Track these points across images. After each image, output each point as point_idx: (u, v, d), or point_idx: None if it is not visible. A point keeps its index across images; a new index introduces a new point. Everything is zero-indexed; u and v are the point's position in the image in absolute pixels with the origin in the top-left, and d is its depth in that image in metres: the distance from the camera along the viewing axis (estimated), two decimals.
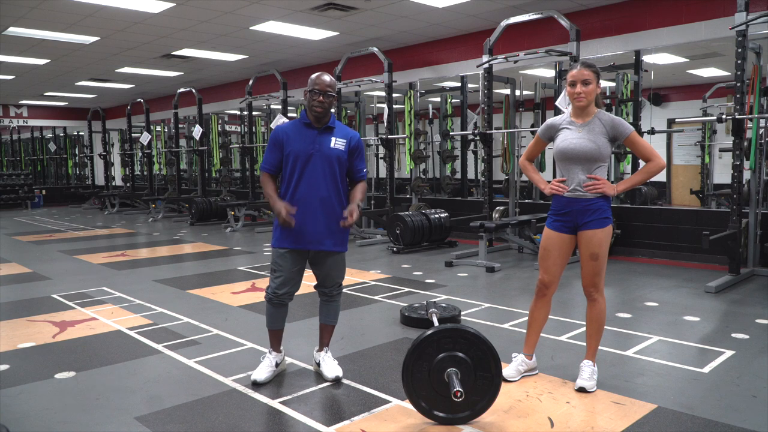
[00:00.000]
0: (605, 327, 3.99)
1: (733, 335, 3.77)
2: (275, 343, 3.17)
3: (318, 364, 3.17)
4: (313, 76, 3.00)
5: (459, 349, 2.52)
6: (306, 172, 2.95)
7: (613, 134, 2.84)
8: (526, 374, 3.08)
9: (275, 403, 2.80)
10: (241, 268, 6.47)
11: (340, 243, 3.07)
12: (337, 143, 3.01)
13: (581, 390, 2.86)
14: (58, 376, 3.21)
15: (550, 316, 4.24)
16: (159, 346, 3.70)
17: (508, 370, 3.00)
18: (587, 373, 2.92)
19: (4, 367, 3.37)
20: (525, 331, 3.87)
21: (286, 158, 2.98)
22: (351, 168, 3.08)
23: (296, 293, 3.14)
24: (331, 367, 3.10)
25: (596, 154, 2.81)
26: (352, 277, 5.87)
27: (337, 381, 3.06)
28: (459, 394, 2.39)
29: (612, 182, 7.67)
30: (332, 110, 3.08)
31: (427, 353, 2.53)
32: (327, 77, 2.97)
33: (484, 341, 2.53)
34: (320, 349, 3.20)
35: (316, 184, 2.95)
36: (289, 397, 2.88)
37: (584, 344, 3.60)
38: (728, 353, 3.42)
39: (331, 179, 2.99)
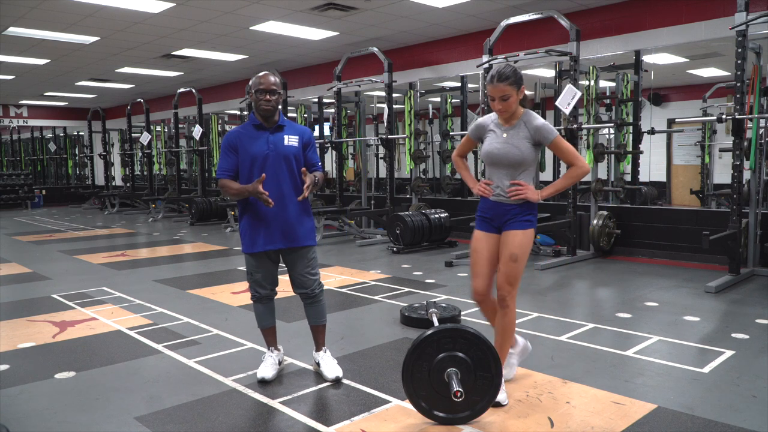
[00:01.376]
0: (605, 327, 4.00)
1: (733, 335, 3.77)
2: (273, 341, 3.21)
3: (318, 364, 3.18)
4: (258, 75, 3.01)
5: (459, 349, 2.52)
6: (265, 173, 2.94)
7: (537, 139, 2.75)
8: (521, 363, 3.08)
9: (275, 403, 2.80)
10: (241, 268, 6.47)
11: (308, 237, 3.09)
12: (290, 140, 3.04)
13: (497, 404, 2.72)
14: (58, 376, 3.21)
15: (550, 316, 4.26)
16: (159, 346, 3.70)
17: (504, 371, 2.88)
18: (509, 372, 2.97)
19: (4, 367, 3.37)
20: (524, 330, 3.90)
21: (242, 162, 2.98)
22: (306, 162, 3.09)
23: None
24: (330, 367, 3.11)
25: (520, 159, 2.74)
26: (352, 277, 5.87)
27: (337, 381, 3.06)
28: (459, 395, 2.39)
29: (612, 182, 7.70)
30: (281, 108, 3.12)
31: (427, 353, 2.53)
32: (272, 77, 3.00)
33: (484, 341, 2.53)
34: (318, 350, 3.21)
35: (277, 184, 2.96)
36: (289, 397, 2.88)
37: (585, 344, 3.62)
38: (728, 353, 3.42)
39: (290, 177, 3.00)
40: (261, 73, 3.02)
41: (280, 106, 3.06)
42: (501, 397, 2.72)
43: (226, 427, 2.58)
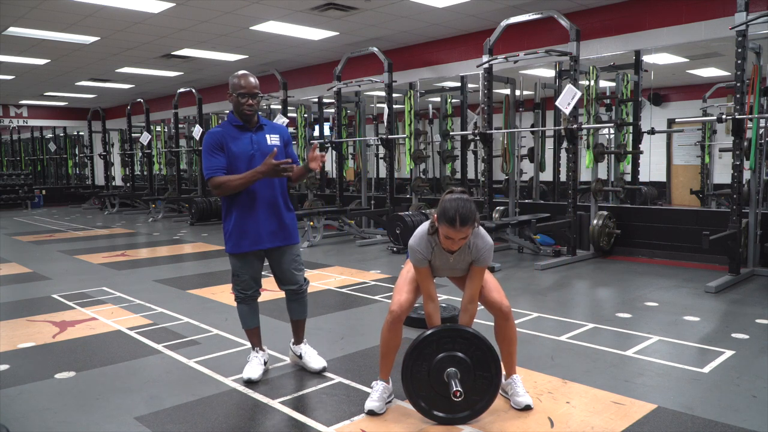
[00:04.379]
0: (605, 327, 4.00)
1: (733, 335, 3.77)
2: (257, 342, 3.21)
3: (300, 357, 3.21)
4: (238, 75, 2.94)
5: (458, 348, 2.52)
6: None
7: (474, 258, 2.63)
8: (388, 401, 2.75)
9: (275, 403, 2.80)
10: None
11: (296, 234, 3.14)
12: (272, 140, 3.04)
13: (527, 408, 2.67)
14: (58, 376, 3.21)
15: (550, 316, 4.27)
16: (159, 346, 3.70)
17: (374, 403, 2.66)
18: (523, 388, 2.74)
19: (4, 367, 3.37)
20: (524, 331, 3.90)
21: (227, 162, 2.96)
22: (291, 159, 3.09)
23: None
24: (315, 359, 3.18)
25: (466, 271, 2.69)
26: (352, 277, 5.87)
27: (323, 371, 3.12)
28: (459, 394, 2.39)
29: (612, 182, 7.70)
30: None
31: (426, 353, 2.53)
32: (252, 78, 2.95)
33: (483, 341, 2.53)
34: (298, 342, 3.25)
35: (263, 183, 2.95)
36: (289, 397, 2.88)
37: (585, 344, 3.61)
38: (728, 353, 3.42)
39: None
40: (240, 73, 2.96)
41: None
42: (528, 399, 2.68)
43: (226, 427, 2.57)
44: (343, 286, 5.42)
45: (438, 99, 10.27)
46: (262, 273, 3.19)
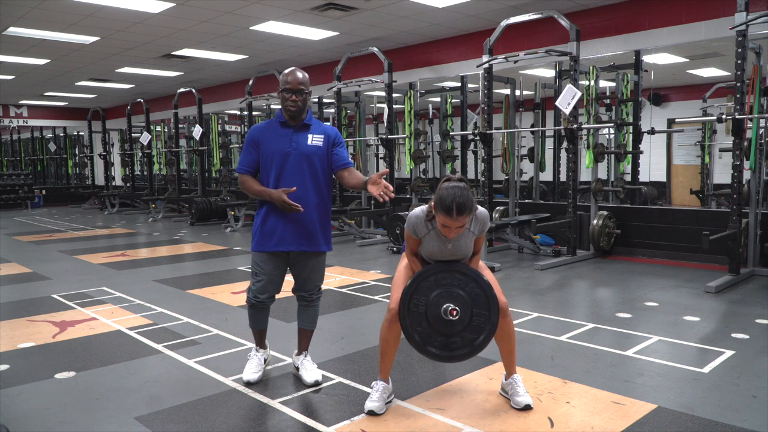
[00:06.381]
0: (605, 327, 4.00)
1: (733, 335, 3.77)
2: (260, 341, 3.18)
3: (297, 369, 3.11)
4: (285, 72, 2.91)
5: (456, 284, 2.51)
6: (284, 172, 2.88)
7: (478, 232, 2.62)
8: (388, 401, 2.75)
9: (275, 403, 2.80)
10: (241, 268, 6.47)
11: (327, 242, 3.01)
12: (314, 140, 2.93)
13: (527, 408, 2.66)
14: (58, 376, 3.21)
15: (550, 316, 4.27)
16: (159, 346, 3.70)
17: (374, 403, 2.66)
18: (523, 388, 2.73)
19: (4, 367, 3.37)
20: (524, 331, 3.90)
21: (262, 158, 2.92)
22: (338, 158, 2.97)
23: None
24: (310, 372, 3.03)
25: (468, 254, 2.66)
26: (352, 277, 5.87)
27: (316, 385, 2.98)
28: (455, 313, 2.38)
29: (612, 182, 7.70)
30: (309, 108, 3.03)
31: (424, 287, 2.51)
32: (299, 74, 2.89)
33: (481, 278, 2.53)
34: (299, 353, 3.14)
35: (294, 180, 2.87)
36: (289, 397, 2.88)
37: (585, 344, 3.61)
38: (728, 353, 3.42)
39: (311, 177, 2.91)
40: (288, 70, 2.92)
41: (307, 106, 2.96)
42: (528, 399, 2.68)
43: (226, 427, 2.57)
44: (343, 286, 5.42)
45: (438, 99, 10.27)
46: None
